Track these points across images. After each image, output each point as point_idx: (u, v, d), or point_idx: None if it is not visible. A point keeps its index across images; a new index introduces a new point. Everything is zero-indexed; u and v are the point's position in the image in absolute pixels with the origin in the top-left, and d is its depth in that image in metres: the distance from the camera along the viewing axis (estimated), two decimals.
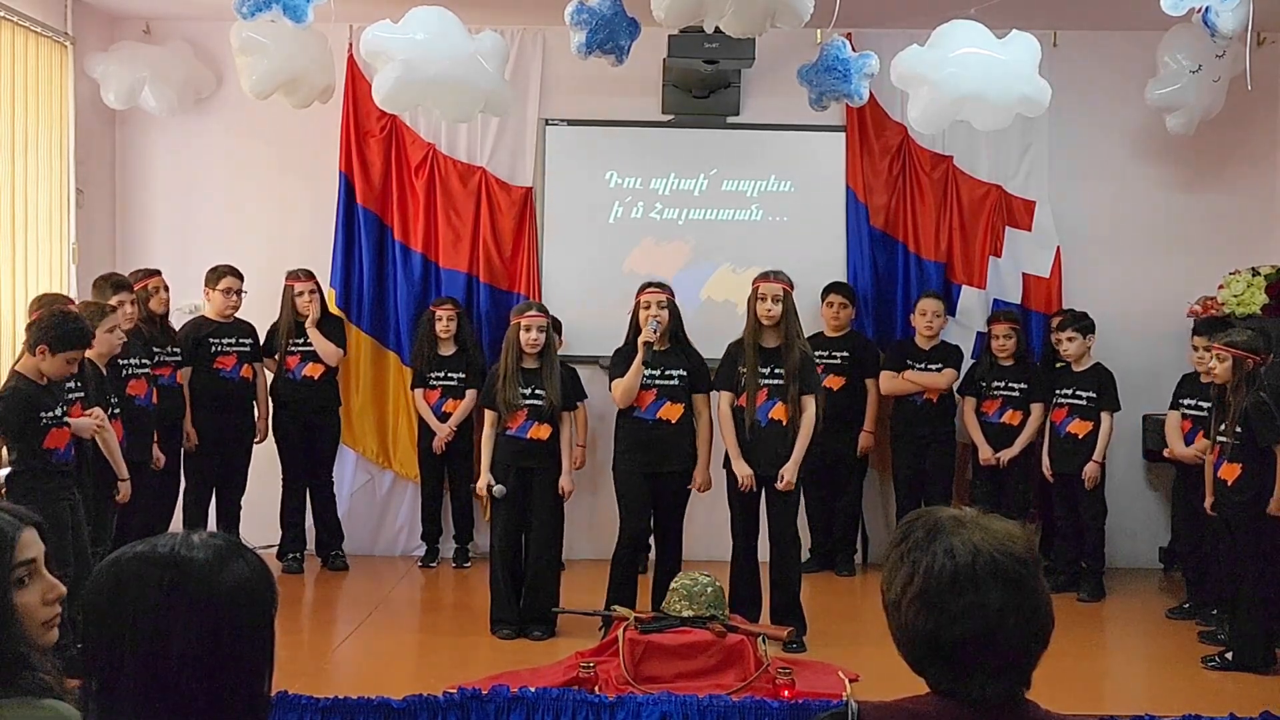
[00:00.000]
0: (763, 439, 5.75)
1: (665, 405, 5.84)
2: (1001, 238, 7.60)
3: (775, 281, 5.79)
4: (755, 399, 5.75)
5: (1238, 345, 5.53)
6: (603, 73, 6.44)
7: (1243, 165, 7.63)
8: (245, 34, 6.14)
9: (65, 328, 5.00)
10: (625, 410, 5.88)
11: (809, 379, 5.80)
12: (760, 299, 5.77)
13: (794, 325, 5.80)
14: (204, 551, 1.64)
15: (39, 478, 5.02)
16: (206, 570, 1.61)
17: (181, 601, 1.59)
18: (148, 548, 1.64)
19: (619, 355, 5.94)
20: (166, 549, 1.63)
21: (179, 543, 1.64)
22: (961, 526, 1.80)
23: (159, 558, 1.62)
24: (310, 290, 7.07)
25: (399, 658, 5.70)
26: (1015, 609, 1.75)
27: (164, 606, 1.58)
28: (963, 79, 6.03)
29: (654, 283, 5.99)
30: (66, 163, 7.05)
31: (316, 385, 7.12)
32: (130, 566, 1.62)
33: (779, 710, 4.60)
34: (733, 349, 5.90)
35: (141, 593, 1.59)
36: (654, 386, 5.83)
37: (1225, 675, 5.44)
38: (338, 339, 7.17)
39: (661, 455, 5.85)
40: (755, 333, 5.80)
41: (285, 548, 7.16)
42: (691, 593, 5.27)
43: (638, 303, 5.91)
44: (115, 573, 1.63)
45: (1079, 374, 6.82)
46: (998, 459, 6.94)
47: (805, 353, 5.83)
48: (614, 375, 5.90)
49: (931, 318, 7.13)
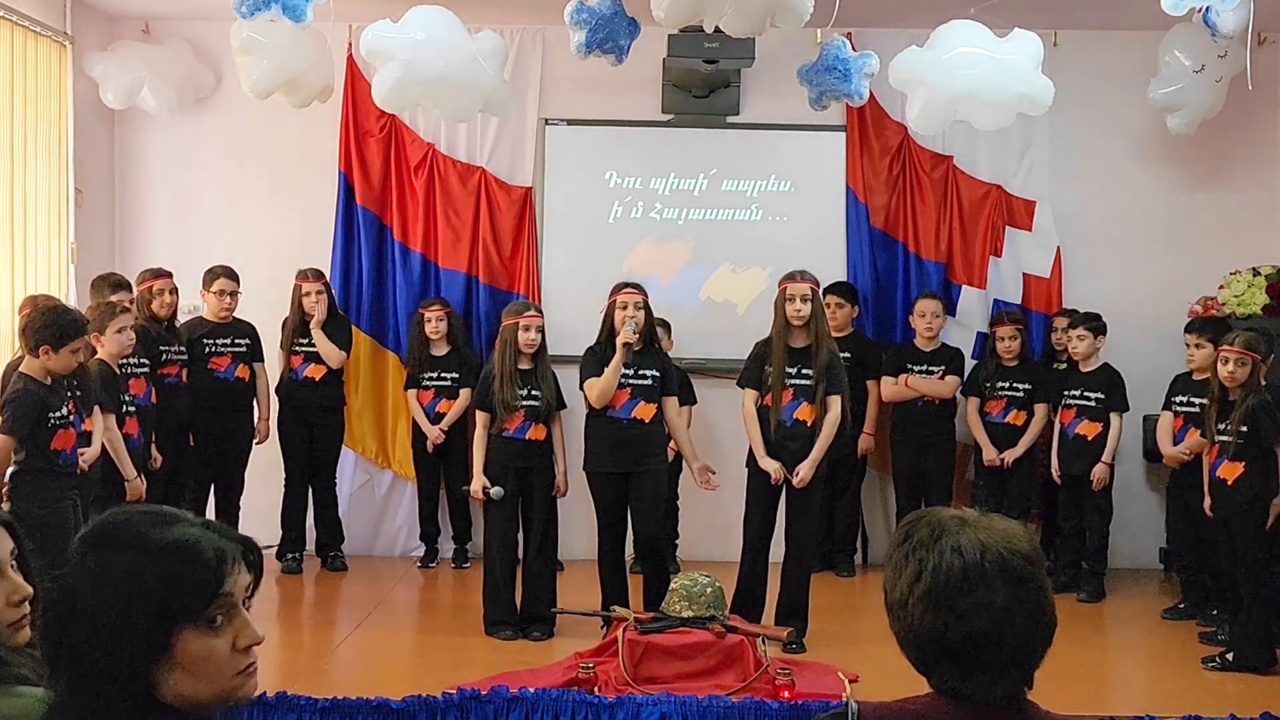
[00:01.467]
0: (788, 439, 5.73)
1: (640, 405, 5.79)
2: (1002, 238, 7.60)
3: (803, 281, 5.76)
4: (781, 399, 5.73)
5: (1249, 346, 5.53)
6: (602, 72, 6.43)
7: (1243, 165, 7.62)
8: (245, 34, 6.14)
9: (60, 322, 5.00)
10: (598, 411, 5.84)
11: (836, 379, 5.76)
12: (789, 300, 5.73)
13: (822, 325, 5.78)
14: (79, 578, 1.56)
15: (43, 478, 5.02)
16: (86, 591, 1.53)
17: (82, 627, 1.52)
18: (61, 579, 1.59)
19: (590, 355, 5.89)
20: (68, 585, 1.57)
21: (72, 570, 1.57)
22: (966, 526, 1.80)
23: (63, 592, 1.56)
24: (318, 291, 7.06)
25: (398, 658, 5.69)
26: (1022, 607, 1.75)
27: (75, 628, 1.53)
28: (959, 79, 6.03)
29: (629, 283, 5.94)
30: (65, 162, 7.04)
31: (318, 386, 7.11)
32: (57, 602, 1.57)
33: (779, 711, 4.59)
34: (760, 348, 5.87)
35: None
36: (629, 386, 5.78)
37: (1226, 676, 5.43)
38: (342, 341, 7.16)
39: (636, 455, 5.80)
40: (784, 333, 5.76)
41: (285, 548, 7.15)
42: (691, 593, 5.27)
43: (612, 303, 5.85)
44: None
45: (1087, 375, 6.81)
46: (1002, 459, 6.93)
47: (833, 353, 5.81)
48: (586, 375, 5.85)
49: (931, 318, 7.12)
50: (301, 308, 7.06)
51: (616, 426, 5.79)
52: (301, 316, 7.06)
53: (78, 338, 5.04)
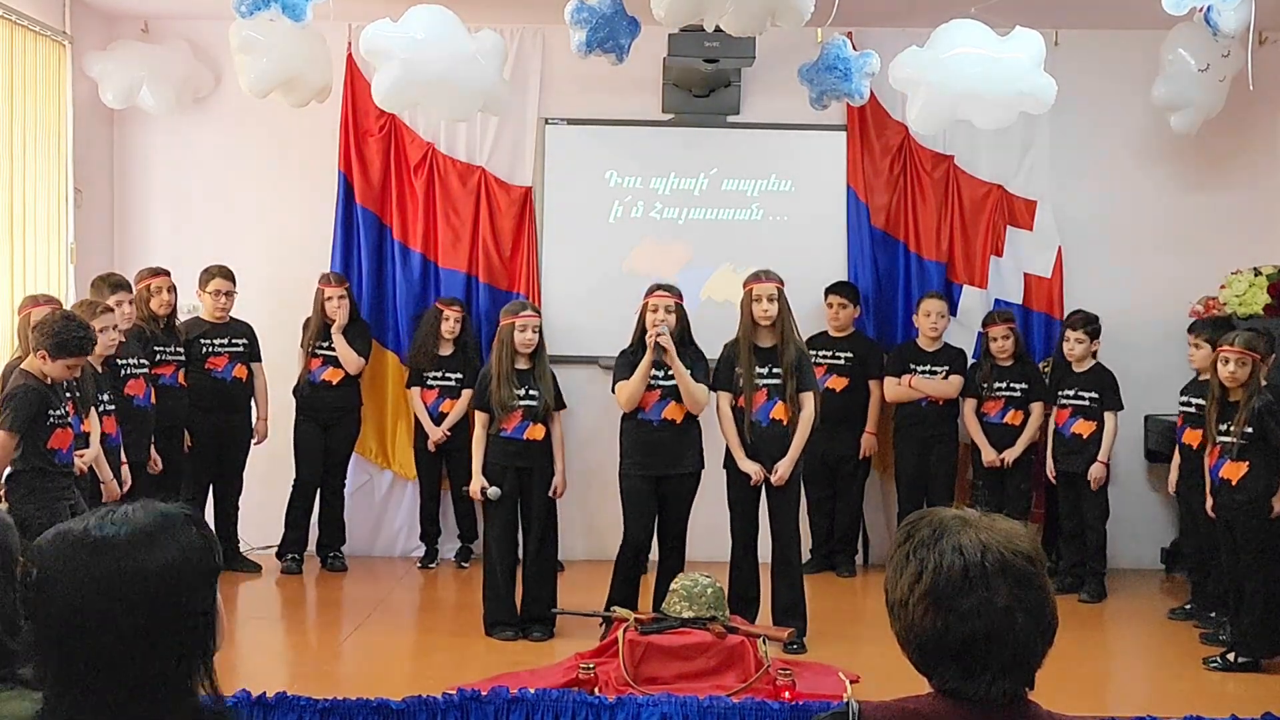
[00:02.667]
0: (765, 439, 5.74)
1: (670, 405, 5.78)
2: (1003, 237, 7.59)
3: (768, 281, 5.78)
4: (754, 400, 5.74)
5: (1249, 346, 5.53)
6: (603, 72, 6.42)
7: (1244, 165, 7.61)
8: (244, 33, 6.12)
9: (63, 336, 4.97)
10: (630, 414, 5.84)
11: (806, 376, 5.79)
12: (755, 300, 5.75)
13: (789, 323, 5.78)
14: (126, 528, 1.58)
15: (41, 477, 5.01)
16: (128, 549, 1.57)
17: (98, 581, 1.55)
18: (71, 525, 1.60)
19: (622, 358, 5.89)
20: (82, 526, 1.59)
21: (102, 520, 1.59)
22: (967, 525, 1.80)
23: (75, 537, 1.58)
24: (340, 296, 7.05)
25: (398, 659, 5.68)
26: (1023, 606, 1.75)
27: (82, 587, 1.55)
28: (958, 78, 6.02)
29: (663, 285, 5.92)
30: (65, 162, 7.04)
31: (334, 390, 7.10)
32: (50, 548, 1.58)
33: (779, 711, 4.58)
34: (729, 350, 5.88)
35: (60, 573, 1.56)
36: (658, 387, 5.79)
37: (1227, 676, 5.42)
38: (362, 348, 7.15)
39: (669, 459, 5.80)
40: (750, 333, 5.78)
41: (285, 548, 7.14)
42: (691, 593, 5.26)
43: (645, 305, 5.86)
44: (39, 552, 1.59)
45: (1081, 375, 6.81)
46: (1001, 459, 6.93)
47: (801, 350, 5.83)
48: (617, 378, 5.86)
49: (936, 318, 7.11)
50: (324, 311, 7.05)
51: (647, 429, 5.78)
52: (323, 320, 7.06)
53: (76, 356, 5.03)
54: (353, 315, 7.14)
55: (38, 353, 4.96)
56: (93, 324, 5.51)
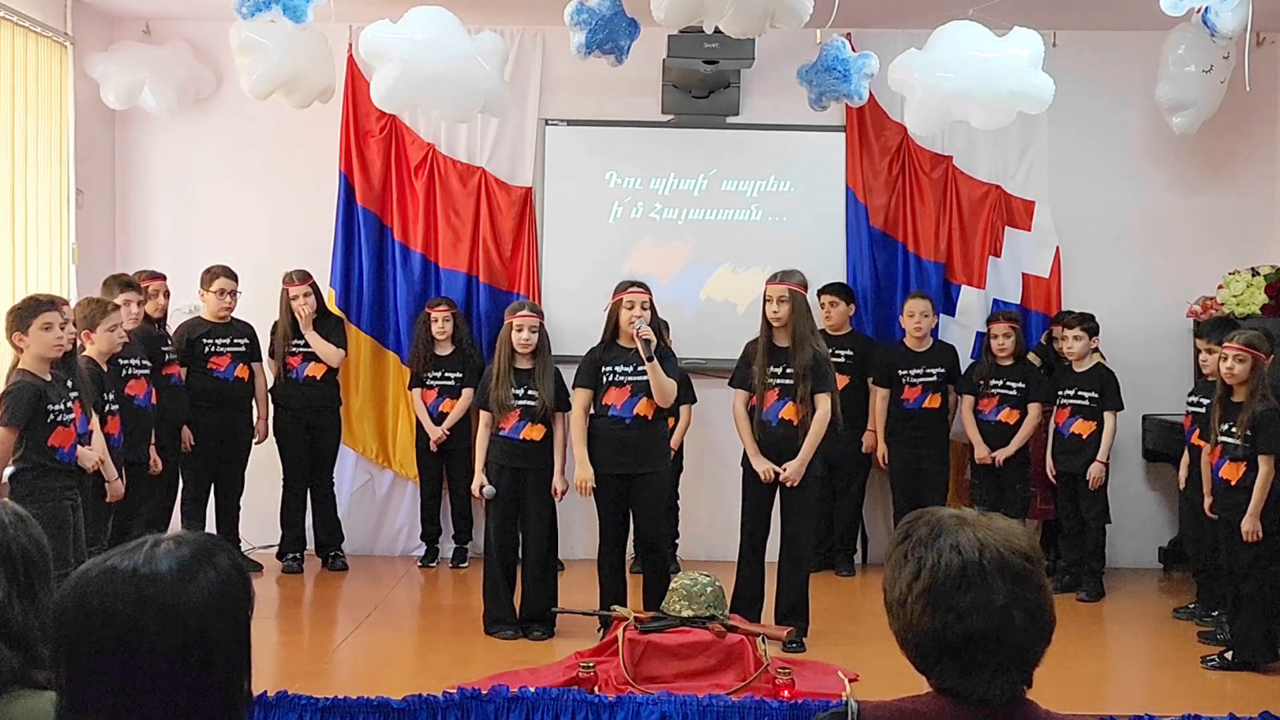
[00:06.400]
0: (773, 438, 5.75)
1: (641, 401, 5.74)
2: (1001, 238, 7.60)
3: (781, 284, 5.79)
4: (765, 399, 5.76)
5: (1250, 344, 5.54)
6: (602, 73, 6.44)
7: (1242, 165, 7.63)
8: (245, 34, 6.14)
9: (19, 309, 5.02)
10: (599, 410, 5.81)
11: (823, 378, 5.77)
12: (767, 301, 5.79)
13: (804, 325, 5.78)
14: (169, 562, 1.62)
15: (42, 476, 5.01)
16: (172, 583, 1.60)
17: (148, 617, 1.58)
18: (117, 560, 1.63)
19: (588, 359, 5.85)
20: (130, 565, 1.61)
21: (145, 554, 1.62)
22: (965, 524, 1.80)
23: (124, 574, 1.61)
24: (304, 294, 7.05)
25: (398, 658, 5.69)
26: (1021, 605, 1.75)
27: (131, 621, 1.58)
28: (953, 78, 6.03)
29: (634, 282, 5.92)
30: (66, 163, 7.05)
31: (319, 385, 7.12)
32: (96, 582, 1.61)
33: (779, 710, 4.59)
34: (749, 348, 5.91)
35: (108, 608, 1.59)
36: (629, 383, 5.76)
37: (1225, 675, 5.43)
38: (337, 339, 7.17)
39: (639, 457, 5.76)
40: (767, 333, 5.81)
41: (285, 548, 7.16)
42: (691, 593, 5.27)
43: (617, 301, 5.82)
44: (82, 586, 1.62)
45: (1080, 374, 6.82)
46: (993, 458, 6.94)
47: (818, 352, 5.80)
48: (577, 382, 5.81)
49: (920, 318, 7.11)
50: (291, 311, 7.06)
51: (619, 426, 5.75)
52: (292, 319, 7.07)
53: (37, 314, 4.98)
54: (323, 311, 7.15)
55: (14, 338, 4.99)
56: (100, 322, 5.55)
